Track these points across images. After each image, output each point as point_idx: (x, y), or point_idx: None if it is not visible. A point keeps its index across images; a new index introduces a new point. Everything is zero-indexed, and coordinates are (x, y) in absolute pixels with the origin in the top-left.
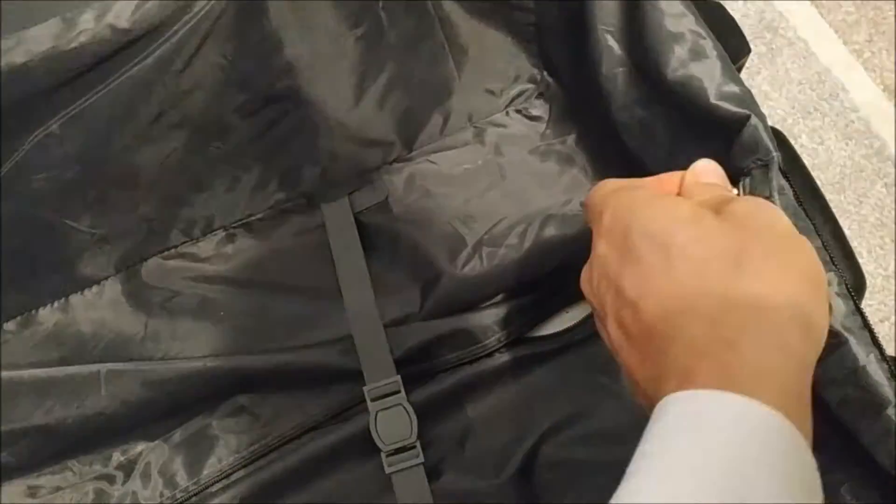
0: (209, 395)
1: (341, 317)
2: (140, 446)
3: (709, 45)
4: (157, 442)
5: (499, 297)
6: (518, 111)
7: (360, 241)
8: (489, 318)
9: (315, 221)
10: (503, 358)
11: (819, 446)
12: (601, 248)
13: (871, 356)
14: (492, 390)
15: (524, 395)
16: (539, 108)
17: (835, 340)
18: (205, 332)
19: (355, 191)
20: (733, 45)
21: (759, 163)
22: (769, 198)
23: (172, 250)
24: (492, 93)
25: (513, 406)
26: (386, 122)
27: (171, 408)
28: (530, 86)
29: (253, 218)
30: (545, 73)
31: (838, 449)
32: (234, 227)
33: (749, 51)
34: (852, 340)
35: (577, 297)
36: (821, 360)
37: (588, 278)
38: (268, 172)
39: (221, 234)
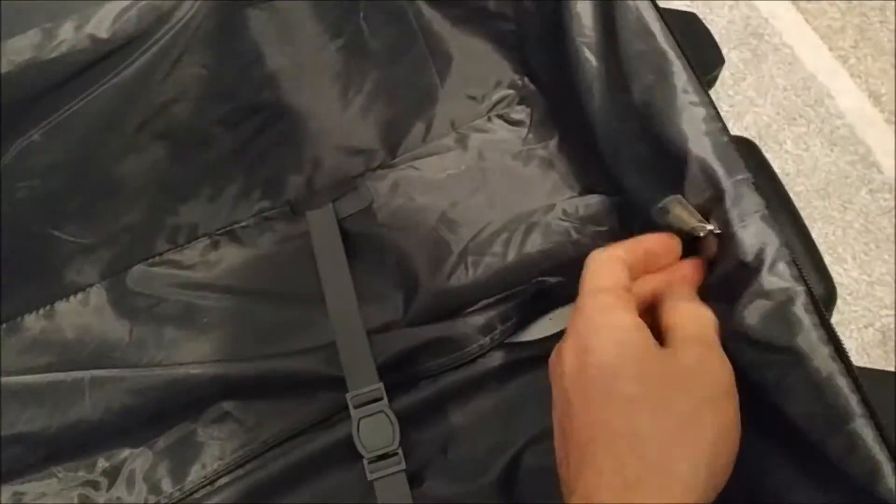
0: (193, 401)
1: (325, 324)
2: (124, 453)
3: (673, 67)
4: (141, 448)
5: (481, 304)
6: (500, 116)
7: (343, 248)
8: (472, 324)
9: (299, 229)
10: (486, 364)
11: (784, 461)
12: (565, 346)
13: (836, 370)
14: (475, 397)
15: (507, 401)
16: (520, 113)
17: (797, 357)
18: (189, 338)
19: (339, 198)
20: (707, 56)
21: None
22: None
23: (157, 257)
24: (473, 98)
25: (496, 413)
26: (370, 129)
27: (156, 414)
28: (511, 91)
29: (237, 226)
30: (526, 78)
31: (803, 465)
32: (219, 235)
33: (723, 61)
34: (818, 354)
35: (560, 302)
36: (785, 377)
37: (554, 359)
38: (251, 181)
39: (206, 241)
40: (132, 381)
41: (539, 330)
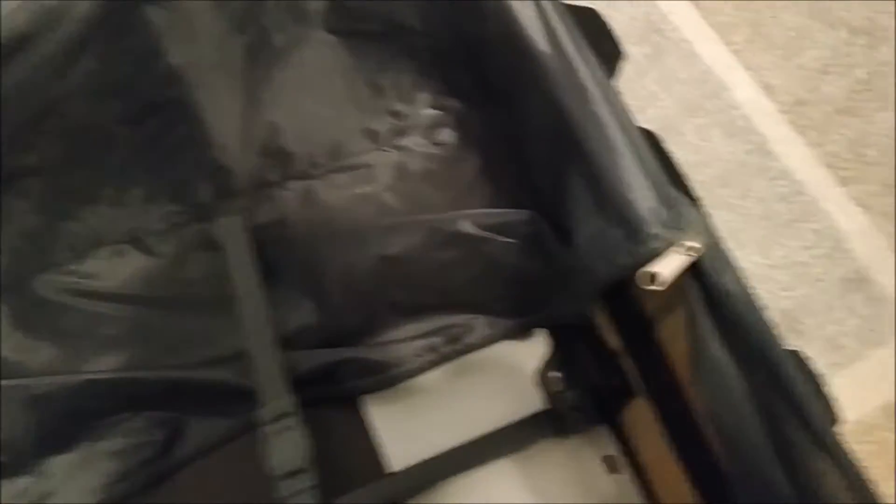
0: (100, 411)
1: (237, 333)
2: (32, 470)
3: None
4: (48, 465)
5: (410, 334)
6: (422, 135)
7: (255, 257)
8: (399, 350)
9: (209, 236)
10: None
11: None
12: None
13: None
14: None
15: None
16: (444, 134)
17: None
18: (95, 349)
19: (251, 206)
20: (606, 50)
21: None
22: None
23: (60, 267)
24: (396, 115)
25: None
26: (281, 135)
27: (62, 427)
28: (437, 112)
29: (142, 232)
30: (452, 99)
31: None
32: (123, 243)
33: (621, 54)
34: None
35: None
36: None
37: None
38: (158, 185)
39: (109, 249)
40: (36, 392)
41: None
